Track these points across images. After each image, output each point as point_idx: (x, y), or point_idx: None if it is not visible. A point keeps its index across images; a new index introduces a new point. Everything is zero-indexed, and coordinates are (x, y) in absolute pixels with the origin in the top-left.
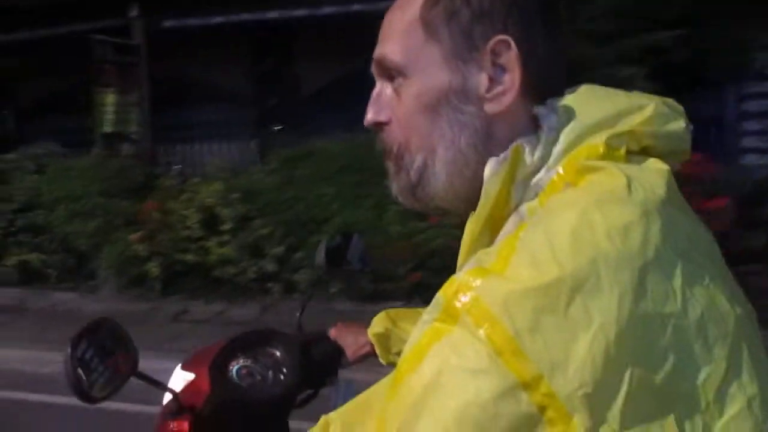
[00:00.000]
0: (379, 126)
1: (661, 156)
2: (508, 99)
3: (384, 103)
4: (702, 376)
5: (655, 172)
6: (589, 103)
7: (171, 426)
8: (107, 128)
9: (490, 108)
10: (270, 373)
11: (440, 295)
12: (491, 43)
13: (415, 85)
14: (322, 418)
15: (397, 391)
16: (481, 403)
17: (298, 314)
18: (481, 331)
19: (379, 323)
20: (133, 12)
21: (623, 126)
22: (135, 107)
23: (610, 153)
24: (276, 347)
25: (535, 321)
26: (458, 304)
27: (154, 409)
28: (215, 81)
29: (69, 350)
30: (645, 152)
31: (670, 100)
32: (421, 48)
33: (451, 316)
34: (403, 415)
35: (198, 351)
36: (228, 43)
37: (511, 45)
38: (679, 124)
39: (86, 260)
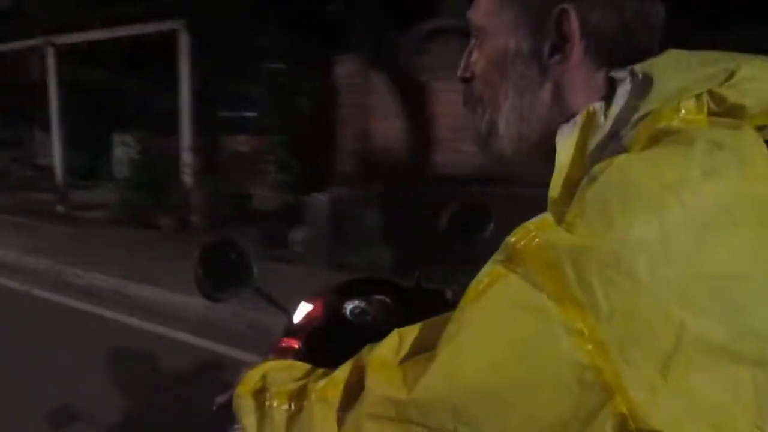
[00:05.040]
0: (467, 81)
1: (756, 116)
2: (566, 67)
3: (470, 61)
4: None
5: (732, 134)
6: (670, 68)
7: (284, 342)
8: None
9: (551, 74)
10: (381, 316)
11: (508, 240)
12: (555, 12)
13: (488, 46)
14: (395, 331)
15: (455, 319)
16: (533, 339)
17: (417, 271)
18: (541, 277)
19: None
20: None
21: (701, 88)
22: None
23: (688, 116)
24: (389, 295)
25: (595, 274)
26: (523, 250)
27: None
28: None
29: (198, 254)
30: (732, 113)
31: None
32: (496, 12)
33: (514, 260)
34: (457, 342)
35: (323, 288)
36: None
37: (570, 15)
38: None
39: None
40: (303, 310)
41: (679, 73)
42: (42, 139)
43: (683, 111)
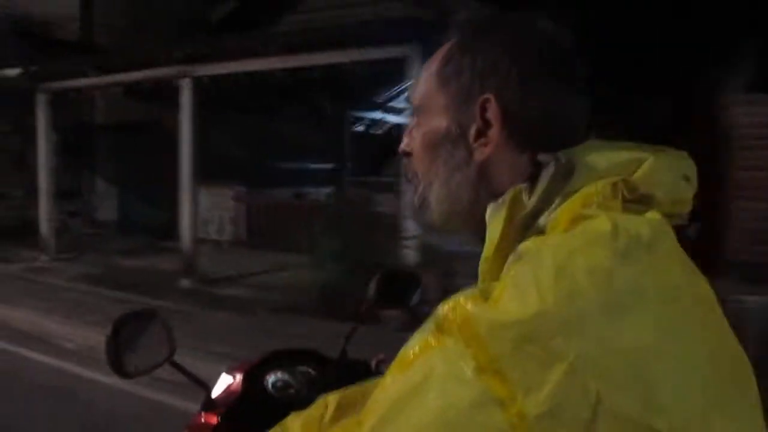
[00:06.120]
0: (407, 155)
1: (663, 204)
2: (489, 150)
3: (411, 137)
4: (677, 417)
5: (643, 222)
6: (590, 157)
7: (202, 418)
8: None
9: (476, 156)
10: (305, 389)
11: (439, 311)
12: (480, 99)
13: (424, 126)
14: (321, 398)
15: (385, 386)
16: (459, 409)
17: (343, 341)
18: (468, 349)
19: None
20: None
21: (617, 177)
22: None
23: (605, 202)
24: (314, 367)
25: (517, 348)
26: (452, 323)
27: None
28: None
29: (111, 329)
30: (643, 201)
31: (679, 152)
32: (432, 95)
33: (443, 331)
34: (386, 408)
35: (244, 360)
36: None
37: (492, 103)
38: (674, 175)
39: None
40: (223, 383)
41: (598, 162)
42: (104, 190)
43: (601, 197)
